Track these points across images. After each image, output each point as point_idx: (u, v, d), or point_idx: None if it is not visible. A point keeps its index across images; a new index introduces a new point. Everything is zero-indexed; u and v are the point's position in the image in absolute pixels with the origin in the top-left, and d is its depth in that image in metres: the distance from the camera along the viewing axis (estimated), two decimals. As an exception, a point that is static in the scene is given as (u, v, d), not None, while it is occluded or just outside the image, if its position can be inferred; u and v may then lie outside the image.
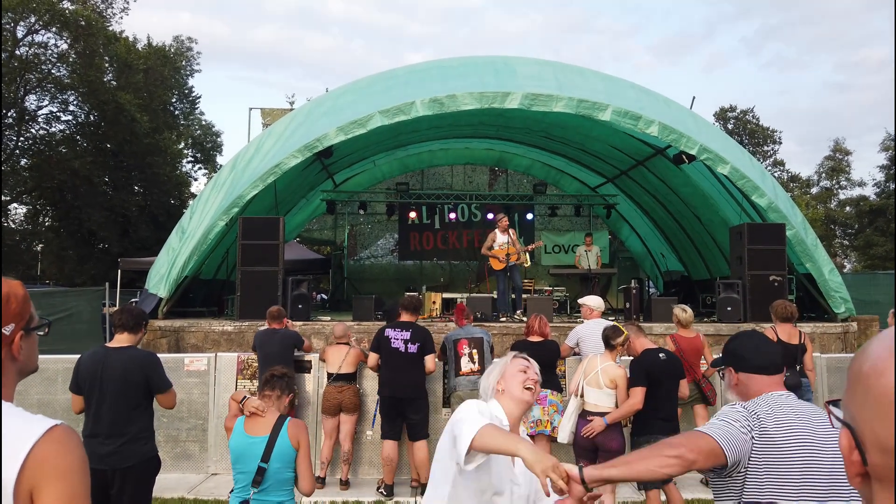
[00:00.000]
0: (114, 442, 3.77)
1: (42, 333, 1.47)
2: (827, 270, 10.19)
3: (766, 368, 2.14)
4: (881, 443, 0.75)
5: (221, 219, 9.85)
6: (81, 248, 27.98)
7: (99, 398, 3.82)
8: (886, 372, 0.75)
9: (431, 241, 17.63)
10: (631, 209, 16.64)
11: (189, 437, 6.75)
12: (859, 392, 0.79)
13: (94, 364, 3.86)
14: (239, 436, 3.13)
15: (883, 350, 0.78)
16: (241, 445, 3.11)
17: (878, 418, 0.75)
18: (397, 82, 10.84)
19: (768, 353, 2.17)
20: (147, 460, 3.86)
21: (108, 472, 3.78)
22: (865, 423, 0.78)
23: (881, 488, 0.78)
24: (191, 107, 34.96)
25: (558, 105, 9.73)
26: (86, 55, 25.88)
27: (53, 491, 1.24)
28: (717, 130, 12.70)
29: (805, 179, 42.30)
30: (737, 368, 2.19)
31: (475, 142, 15.85)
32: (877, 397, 0.76)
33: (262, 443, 3.06)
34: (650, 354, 4.81)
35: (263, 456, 3.02)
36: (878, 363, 0.77)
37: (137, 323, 4.00)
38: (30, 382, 6.67)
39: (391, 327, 6.16)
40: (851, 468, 0.82)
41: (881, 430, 0.75)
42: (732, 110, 41.66)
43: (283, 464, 3.05)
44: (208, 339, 9.38)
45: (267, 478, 3.02)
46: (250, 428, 3.14)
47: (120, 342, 3.94)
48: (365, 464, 6.82)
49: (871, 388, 0.77)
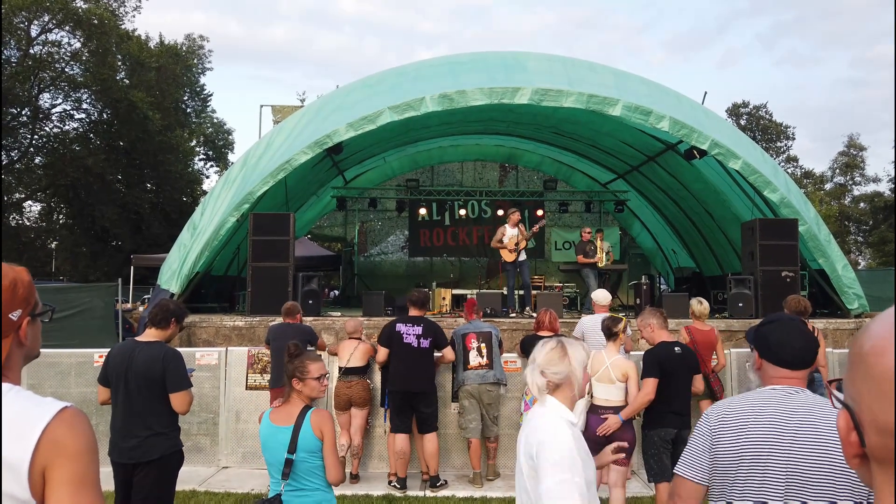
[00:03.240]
0: (137, 436, 3.79)
1: (46, 320, 1.49)
2: (840, 266, 10.10)
3: (787, 363, 2.06)
4: (880, 424, 0.74)
5: (232, 215, 9.90)
6: (95, 244, 28.24)
7: (124, 392, 3.85)
8: (886, 352, 0.74)
9: (442, 238, 17.63)
10: (642, 205, 16.57)
11: (200, 431, 6.80)
12: (859, 372, 0.79)
13: (122, 357, 3.89)
14: (266, 427, 3.14)
15: (883, 330, 0.77)
16: (267, 436, 3.12)
17: (878, 399, 0.75)
18: (407, 78, 10.84)
19: (795, 349, 2.06)
20: (170, 455, 3.86)
21: (131, 466, 3.82)
22: (864, 403, 0.77)
23: (880, 470, 0.78)
24: (202, 105, 35.14)
25: (568, 100, 9.70)
26: (98, 53, 26.07)
27: (65, 472, 1.26)
28: (728, 125, 12.60)
29: (819, 176, 41.93)
30: (761, 354, 2.14)
31: (485, 138, 15.83)
32: (876, 377, 0.75)
33: (287, 433, 3.06)
34: (665, 347, 4.76)
35: (290, 447, 3.02)
36: (878, 343, 0.76)
37: (165, 318, 3.98)
38: (43, 376, 6.76)
39: (402, 322, 6.18)
40: (849, 449, 0.82)
41: (880, 411, 0.74)
42: (745, 106, 41.33)
43: (308, 453, 3.05)
44: (219, 335, 9.44)
45: (295, 468, 3.02)
46: (276, 419, 3.15)
47: (148, 337, 3.97)
48: (375, 458, 6.84)
49: (870, 368, 0.76)
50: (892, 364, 0.73)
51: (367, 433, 6.72)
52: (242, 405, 6.89)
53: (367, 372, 6.67)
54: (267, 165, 10.12)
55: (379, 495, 5.90)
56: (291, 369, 3.21)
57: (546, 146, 15.86)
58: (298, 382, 3.18)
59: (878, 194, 37.10)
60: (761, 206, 11.03)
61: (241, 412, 6.88)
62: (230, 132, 37.14)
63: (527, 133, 14.81)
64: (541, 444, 2.12)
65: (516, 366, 6.84)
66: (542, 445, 2.11)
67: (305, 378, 3.17)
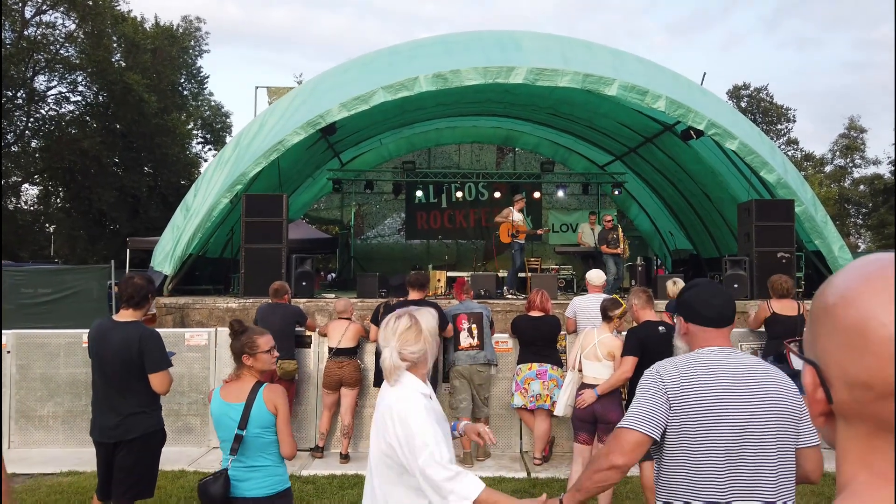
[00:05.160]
0: (117, 414, 3.76)
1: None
2: (836, 247, 10.05)
3: (712, 321, 2.17)
4: (849, 377, 0.71)
5: (225, 196, 9.84)
6: (92, 228, 28.20)
7: (101, 371, 3.82)
8: (853, 303, 0.72)
9: (438, 221, 17.56)
10: (639, 187, 16.49)
11: (190, 411, 6.79)
12: (825, 327, 0.75)
13: (98, 337, 3.85)
14: (217, 403, 3.10)
15: (850, 281, 0.74)
16: (218, 413, 3.09)
17: (847, 352, 0.72)
18: (401, 58, 10.72)
19: (716, 306, 2.19)
20: (152, 433, 3.84)
21: (112, 445, 3.79)
22: (832, 358, 0.74)
23: (845, 426, 0.75)
24: (199, 87, 34.91)
25: (564, 80, 9.59)
26: (93, 35, 25.87)
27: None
28: (726, 106, 12.50)
29: (819, 158, 41.74)
30: (686, 318, 2.24)
31: (482, 120, 15.71)
32: (844, 330, 0.72)
33: (239, 409, 3.03)
34: (648, 326, 4.74)
35: (240, 423, 2.99)
36: (846, 294, 0.74)
37: (143, 297, 3.89)
38: (33, 357, 6.73)
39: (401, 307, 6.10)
40: (815, 406, 0.78)
41: (849, 364, 0.71)
42: (746, 88, 41.07)
43: (261, 429, 3.03)
44: (213, 316, 9.42)
45: (245, 444, 3.00)
46: (227, 395, 3.11)
47: (124, 317, 3.87)
48: (365, 437, 6.83)
49: (837, 321, 0.73)
50: (860, 314, 0.70)
51: (358, 413, 6.71)
52: (233, 386, 6.86)
53: (358, 352, 6.65)
54: (260, 146, 10.04)
55: (369, 475, 5.89)
56: (240, 346, 3.16)
57: (543, 128, 15.74)
58: (249, 358, 3.14)
59: (877, 177, 36.93)
60: (758, 187, 10.96)
61: (231, 393, 6.85)
62: (228, 115, 37.00)
63: (524, 114, 14.69)
64: (405, 423, 2.11)
65: (507, 346, 6.82)
66: (408, 426, 2.10)
67: (256, 352, 3.14)
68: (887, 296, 0.69)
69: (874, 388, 0.69)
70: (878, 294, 0.70)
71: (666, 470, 2.09)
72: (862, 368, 0.70)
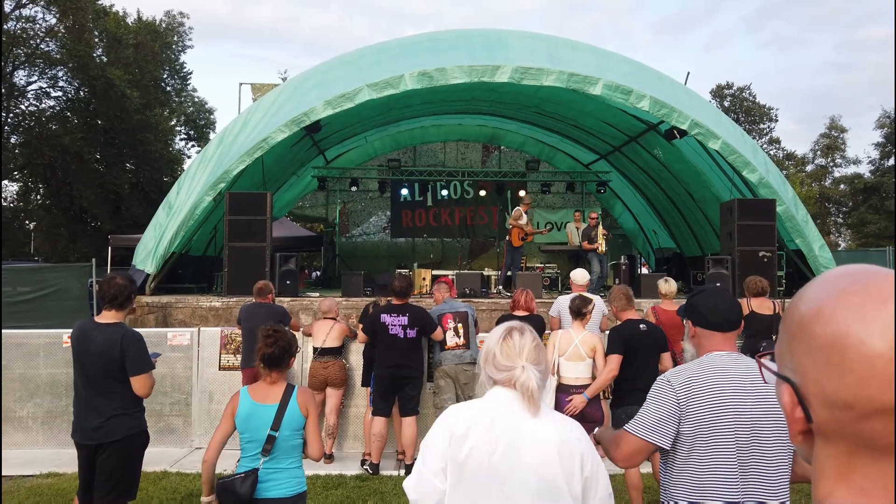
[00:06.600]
0: (99, 416, 3.71)
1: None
2: (817, 246, 10.18)
3: (718, 325, 2.25)
4: (828, 397, 0.69)
5: (208, 194, 9.76)
6: (74, 225, 27.80)
7: (83, 372, 3.77)
8: (831, 319, 0.69)
9: (424, 219, 17.54)
10: (624, 186, 16.57)
11: (172, 412, 6.73)
12: (802, 344, 0.73)
13: (80, 338, 3.79)
14: (246, 403, 3.13)
15: (824, 297, 0.72)
16: (248, 412, 3.11)
17: (825, 370, 0.69)
18: (387, 55, 10.69)
19: (723, 311, 2.26)
20: (134, 435, 3.79)
21: (94, 447, 3.74)
22: (809, 376, 0.71)
23: (824, 443, 0.73)
24: (182, 83, 34.54)
25: (549, 79, 9.62)
26: (74, 30, 25.46)
27: None
28: (709, 106, 12.60)
29: (800, 157, 42.18)
30: (694, 322, 2.31)
31: (468, 118, 15.70)
32: (821, 348, 0.70)
33: (272, 411, 3.08)
34: (629, 324, 4.78)
35: (273, 424, 3.05)
36: (820, 310, 0.71)
37: (126, 298, 3.83)
38: (11, 356, 6.63)
39: (386, 312, 6.05)
40: (794, 426, 0.76)
41: (828, 383, 0.69)
42: (729, 87, 41.36)
43: (293, 431, 3.10)
44: (196, 315, 9.34)
45: (276, 445, 3.05)
46: (258, 396, 3.14)
47: (106, 318, 3.80)
48: (350, 437, 6.82)
49: (814, 339, 0.71)
50: (837, 331, 0.68)
51: (342, 413, 6.69)
52: (215, 386, 6.81)
53: (343, 352, 6.63)
54: (244, 144, 9.97)
55: (353, 475, 5.88)
56: (286, 345, 3.27)
57: (529, 126, 15.77)
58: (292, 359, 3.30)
59: (857, 176, 37.37)
60: (741, 186, 11.06)
61: (213, 393, 6.80)
62: (212, 111, 36.67)
63: (509, 113, 14.71)
64: (595, 455, 1.89)
65: (492, 345, 6.81)
66: (596, 457, 1.89)
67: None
68: (864, 312, 0.67)
69: (855, 407, 0.67)
70: (854, 310, 0.68)
71: (676, 471, 2.14)
72: (841, 387, 0.68)
